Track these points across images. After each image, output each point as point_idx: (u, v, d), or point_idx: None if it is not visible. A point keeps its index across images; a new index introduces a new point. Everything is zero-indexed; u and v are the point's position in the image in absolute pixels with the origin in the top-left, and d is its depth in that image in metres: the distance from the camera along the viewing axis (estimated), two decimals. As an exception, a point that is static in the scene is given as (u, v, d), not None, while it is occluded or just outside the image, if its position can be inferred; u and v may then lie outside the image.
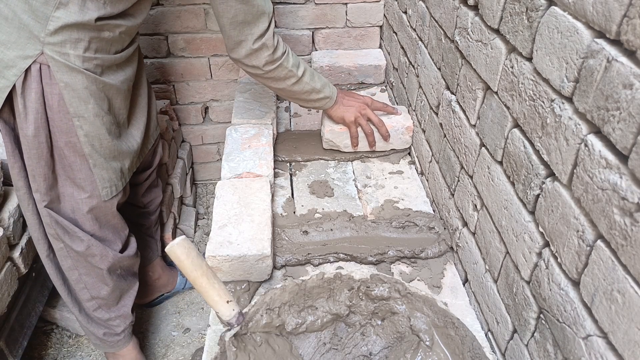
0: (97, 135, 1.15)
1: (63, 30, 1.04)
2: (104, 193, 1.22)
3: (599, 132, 0.65)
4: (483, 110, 1.02)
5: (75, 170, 1.18)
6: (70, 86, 1.08)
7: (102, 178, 1.20)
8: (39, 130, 1.11)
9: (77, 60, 1.07)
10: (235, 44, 1.19)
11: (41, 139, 1.12)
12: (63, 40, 1.05)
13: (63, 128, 1.12)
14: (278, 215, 1.35)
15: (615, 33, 0.60)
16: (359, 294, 0.97)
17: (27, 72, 1.06)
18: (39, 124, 1.11)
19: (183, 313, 1.80)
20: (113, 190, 1.24)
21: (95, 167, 1.18)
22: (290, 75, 1.28)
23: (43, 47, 1.04)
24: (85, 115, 1.12)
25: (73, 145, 1.14)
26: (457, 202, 1.19)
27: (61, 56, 1.05)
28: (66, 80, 1.07)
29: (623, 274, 0.61)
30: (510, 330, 0.95)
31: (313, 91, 1.35)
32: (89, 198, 1.21)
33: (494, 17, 0.93)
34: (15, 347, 1.44)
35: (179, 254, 0.79)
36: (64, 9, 1.03)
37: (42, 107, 1.10)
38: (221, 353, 0.85)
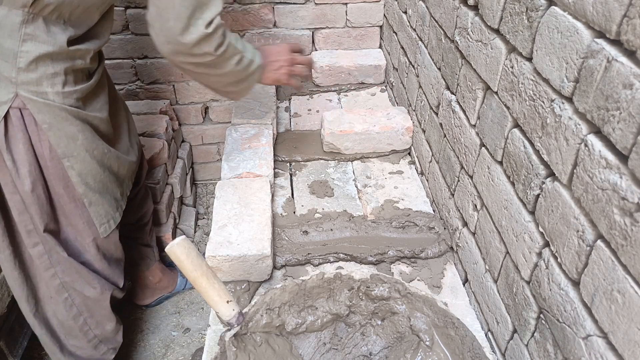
0: (89, 172, 1.09)
1: (36, 65, 0.95)
2: (102, 230, 1.17)
3: (599, 132, 0.65)
4: (483, 110, 1.02)
5: (76, 215, 1.13)
6: (55, 126, 1.00)
7: (99, 214, 1.15)
8: (35, 183, 1.04)
9: (57, 98, 0.99)
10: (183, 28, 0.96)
11: (39, 191, 1.05)
12: (38, 77, 0.96)
13: (59, 174, 1.06)
14: (278, 215, 1.35)
15: (615, 33, 0.60)
16: (359, 294, 0.97)
17: (7, 122, 0.96)
18: (35, 177, 1.03)
19: (183, 313, 1.80)
20: (111, 224, 1.19)
21: (90, 206, 1.12)
22: (234, 53, 1.10)
23: (17, 89, 0.94)
24: (75, 153, 1.05)
25: (70, 189, 1.08)
26: (457, 202, 1.19)
27: (39, 95, 0.96)
28: (49, 121, 0.99)
29: (623, 274, 0.61)
30: (510, 330, 0.95)
31: (251, 63, 1.17)
32: (94, 239, 1.17)
33: (494, 17, 0.93)
34: (15, 347, 1.44)
35: (179, 254, 0.79)
36: (32, 40, 0.94)
37: (33, 157, 1.02)
38: (221, 353, 0.85)
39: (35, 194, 1.05)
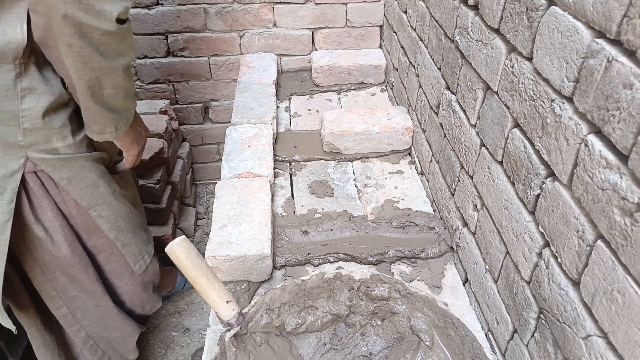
0: (118, 215, 1.05)
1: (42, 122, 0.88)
2: (136, 268, 1.14)
3: (599, 132, 0.65)
4: (483, 110, 1.02)
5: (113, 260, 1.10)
6: (74, 179, 0.95)
7: (133, 254, 1.12)
8: (73, 245, 1.01)
9: (68, 150, 0.93)
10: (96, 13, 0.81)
11: (79, 251, 1.02)
12: (47, 134, 0.89)
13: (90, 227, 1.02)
14: (278, 215, 1.35)
15: (615, 33, 0.60)
16: (359, 294, 0.97)
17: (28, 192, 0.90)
18: (71, 239, 1.00)
19: (183, 313, 1.80)
20: (146, 259, 1.16)
21: (124, 248, 1.09)
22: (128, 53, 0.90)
23: (26, 152, 0.88)
24: (100, 200, 1.01)
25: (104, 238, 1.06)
26: (457, 202, 1.19)
27: (50, 153, 0.90)
28: (67, 176, 0.93)
29: (623, 274, 0.61)
30: (511, 330, 0.95)
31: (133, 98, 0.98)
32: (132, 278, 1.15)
33: (494, 17, 0.93)
34: (15, 347, 1.44)
35: (179, 254, 0.79)
36: (30, 95, 0.85)
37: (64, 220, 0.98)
38: (221, 353, 0.85)
39: (77, 255, 1.02)
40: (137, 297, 1.22)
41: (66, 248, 1.00)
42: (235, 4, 1.87)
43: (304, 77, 2.02)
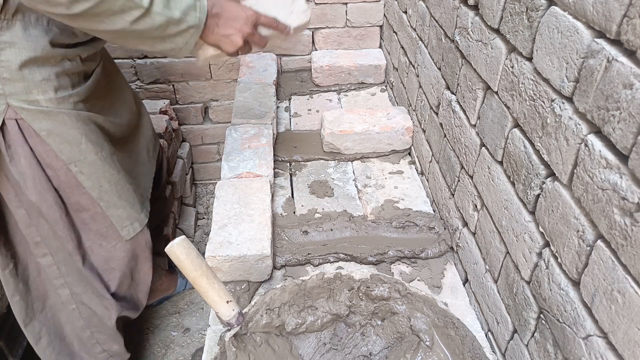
0: (102, 174, 1.04)
1: (21, 74, 0.90)
2: (124, 233, 1.11)
3: (599, 132, 0.65)
4: (483, 110, 1.02)
5: (99, 220, 1.08)
6: (54, 132, 0.95)
7: (120, 218, 1.09)
8: (42, 195, 1.00)
9: (50, 104, 0.94)
10: None
11: (50, 202, 1.02)
12: (26, 86, 0.91)
13: (71, 182, 1.01)
14: (278, 215, 1.35)
15: (615, 33, 0.60)
16: (359, 294, 0.97)
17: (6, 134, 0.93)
18: (40, 188, 1.00)
19: (183, 313, 1.80)
20: (136, 227, 1.13)
21: (109, 209, 1.07)
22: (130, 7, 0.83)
23: (7, 99, 0.90)
24: (81, 157, 1.00)
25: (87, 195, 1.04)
26: (457, 202, 1.19)
27: (30, 104, 0.92)
28: (47, 128, 0.94)
29: (623, 274, 0.61)
30: (511, 330, 0.95)
31: (170, 23, 0.88)
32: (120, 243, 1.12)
33: (494, 17, 0.93)
34: (15, 347, 1.44)
35: (179, 254, 0.79)
36: (10, 48, 0.88)
37: (39, 169, 0.98)
38: (221, 353, 0.85)
39: (45, 205, 1.02)
40: (127, 266, 1.18)
41: (35, 196, 1.00)
42: (235, 4, 1.87)
43: (304, 77, 2.02)
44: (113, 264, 1.16)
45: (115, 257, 1.15)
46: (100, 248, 1.13)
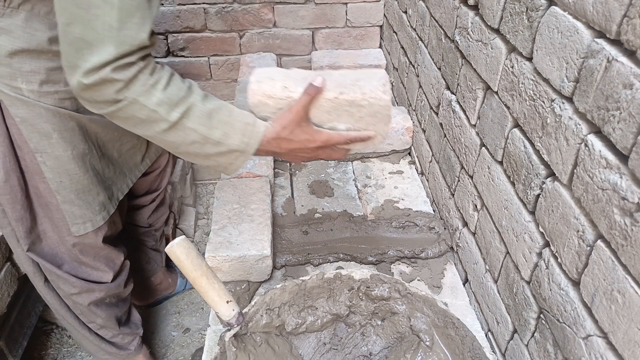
0: (65, 171, 1.03)
1: (10, 60, 0.90)
2: (73, 229, 1.10)
3: (599, 132, 0.65)
4: (483, 110, 1.02)
5: (52, 209, 1.08)
6: (27, 121, 0.95)
7: (73, 214, 1.09)
8: (8, 174, 1.01)
9: (31, 95, 0.93)
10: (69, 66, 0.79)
11: (13, 182, 1.02)
12: (12, 72, 0.91)
13: (35, 168, 1.02)
14: (278, 215, 1.35)
15: (615, 33, 0.60)
16: (359, 294, 0.97)
17: None
18: (9, 167, 1.00)
19: (183, 313, 1.80)
20: (87, 227, 1.12)
21: (64, 204, 1.06)
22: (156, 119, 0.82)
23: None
24: (48, 150, 1.00)
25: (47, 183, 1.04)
26: (457, 202, 1.19)
27: (12, 90, 0.92)
28: (22, 115, 0.95)
29: (623, 274, 0.61)
30: (511, 330, 0.95)
31: (206, 142, 0.85)
32: (69, 236, 1.12)
33: (494, 17, 0.93)
34: (15, 347, 1.44)
35: (179, 254, 0.79)
36: (5, 34, 0.88)
37: (10, 148, 0.99)
38: (221, 353, 0.85)
39: (9, 185, 1.03)
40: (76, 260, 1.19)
41: (1, 174, 1.00)
42: (235, 4, 1.87)
43: (304, 77, 2.01)
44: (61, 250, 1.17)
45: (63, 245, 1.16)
46: (52, 233, 1.14)
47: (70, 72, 0.79)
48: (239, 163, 0.89)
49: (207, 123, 0.83)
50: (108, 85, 0.78)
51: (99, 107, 0.82)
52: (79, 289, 1.20)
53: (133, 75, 0.79)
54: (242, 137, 0.85)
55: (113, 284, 1.27)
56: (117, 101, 0.80)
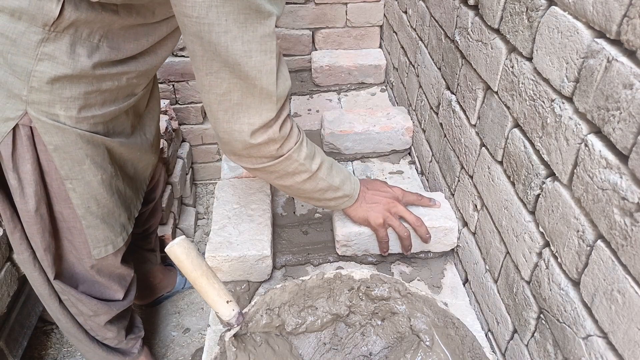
0: (93, 196, 1.02)
1: (51, 87, 0.88)
2: (94, 252, 1.10)
3: (599, 132, 0.65)
4: (483, 110, 1.02)
5: (75, 233, 1.08)
6: (62, 149, 0.94)
7: (96, 238, 1.09)
8: (40, 203, 0.99)
9: (68, 121, 0.92)
10: (226, 132, 0.86)
11: (43, 210, 1.01)
12: (51, 99, 0.89)
13: (62, 194, 1.01)
14: (278, 215, 1.35)
15: (615, 33, 0.60)
16: (359, 294, 0.97)
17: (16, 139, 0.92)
18: (40, 197, 0.98)
19: (183, 313, 1.80)
20: (109, 249, 1.12)
21: (88, 229, 1.06)
22: (301, 170, 0.95)
23: (27, 107, 0.88)
24: (79, 176, 0.99)
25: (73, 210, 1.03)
26: (457, 202, 1.19)
27: (49, 117, 0.90)
28: (56, 143, 0.93)
29: (623, 274, 0.61)
30: (511, 330, 0.95)
31: (329, 189, 1.02)
32: (87, 257, 1.12)
33: (494, 17, 0.93)
34: (15, 347, 1.44)
35: (179, 254, 0.79)
36: (49, 60, 0.86)
37: (40, 177, 0.97)
38: (221, 353, 0.85)
39: (39, 214, 1.01)
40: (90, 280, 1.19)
41: (32, 204, 0.98)
42: (235, 4, 1.87)
43: (304, 77, 2.02)
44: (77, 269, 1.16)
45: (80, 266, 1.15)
46: (70, 254, 1.13)
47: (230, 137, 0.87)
48: (342, 207, 1.09)
49: (330, 172, 1.01)
50: (271, 144, 0.88)
51: (257, 162, 0.92)
52: (94, 311, 1.20)
53: (288, 132, 0.90)
54: (351, 184, 1.06)
55: (125, 301, 1.28)
56: (276, 157, 0.91)
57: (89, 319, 1.24)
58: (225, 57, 0.76)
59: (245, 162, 0.93)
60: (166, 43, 1.02)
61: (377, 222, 1.10)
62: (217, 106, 0.83)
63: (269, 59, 0.79)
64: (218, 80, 0.80)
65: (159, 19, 0.95)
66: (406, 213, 1.12)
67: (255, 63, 0.78)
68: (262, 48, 0.77)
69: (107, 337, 1.30)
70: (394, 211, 1.11)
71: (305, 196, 1.04)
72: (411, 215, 1.12)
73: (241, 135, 0.85)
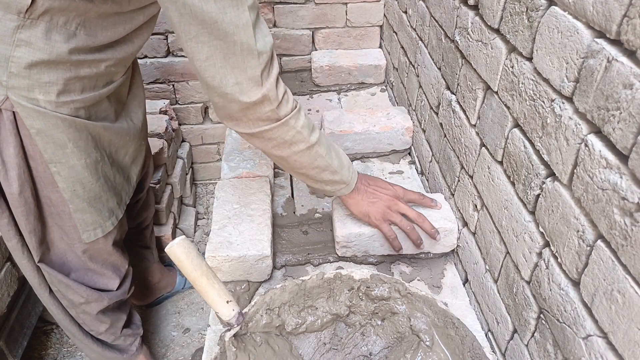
0: (78, 180, 1.04)
1: (29, 72, 0.90)
2: (84, 236, 1.12)
3: (599, 132, 0.65)
4: (483, 110, 1.02)
5: (64, 218, 1.09)
6: (43, 132, 0.94)
7: (84, 222, 1.10)
8: (23, 186, 1.01)
9: (48, 105, 0.94)
10: (219, 96, 0.87)
11: (27, 193, 1.02)
12: (30, 84, 0.91)
13: (48, 179, 1.02)
14: (278, 215, 1.35)
15: (615, 33, 0.60)
16: (359, 294, 0.97)
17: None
18: (23, 180, 1.00)
19: (183, 313, 1.80)
20: (98, 233, 1.13)
21: (76, 212, 1.08)
22: (299, 140, 0.95)
23: (7, 92, 0.91)
24: (63, 160, 1.00)
25: (59, 193, 1.05)
26: (457, 202, 1.19)
27: (29, 101, 0.92)
28: (37, 127, 0.95)
29: (623, 274, 0.61)
30: (511, 330, 0.95)
31: (327, 169, 1.02)
32: (79, 242, 1.13)
33: (494, 17, 0.93)
34: (15, 347, 1.44)
35: (179, 254, 0.79)
36: (26, 46, 0.89)
37: (23, 160, 0.99)
38: (221, 353, 0.85)
39: (23, 197, 1.02)
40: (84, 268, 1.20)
41: (16, 187, 1.00)
42: (235, 4, 1.87)
43: (304, 77, 2.02)
44: (69, 258, 1.17)
45: (72, 252, 1.17)
46: (61, 241, 1.15)
47: (224, 100, 0.88)
48: (339, 193, 1.09)
49: (329, 152, 1.01)
50: (266, 104, 0.88)
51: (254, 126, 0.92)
52: (85, 298, 1.21)
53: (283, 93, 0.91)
54: (349, 172, 1.06)
55: (119, 292, 1.28)
56: (273, 121, 0.91)
57: (81, 311, 1.24)
58: (201, 17, 0.78)
59: (242, 126, 0.93)
60: (142, 32, 1.04)
61: (377, 218, 1.11)
62: (204, 72, 0.85)
63: (242, 13, 0.80)
64: (199, 45, 0.81)
65: (135, 7, 0.97)
66: (408, 210, 1.12)
67: (231, 18, 0.79)
68: (234, 3, 0.78)
69: (101, 332, 1.30)
70: (395, 208, 1.12)
71: (302, 172, 1.03)
72: (413, 211, 1.12)
73: (233, 96, 0.86)
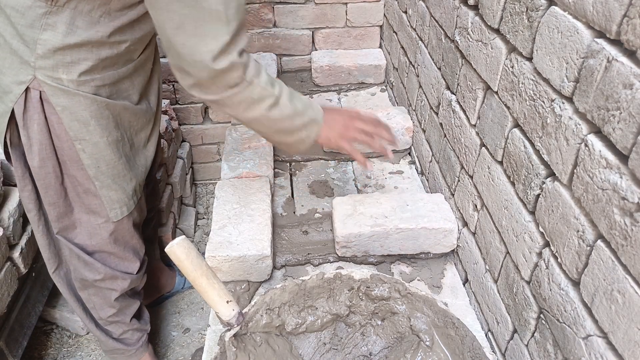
0: (102, 157, 1.10)
1: (53, 54, 0.98)
2: (112, 215, 1.17)
3: (599, 132, 0.65)
4: (483, 110, 1.02)
5: (90, 196, 1.14)
6: (68, 109, 1.03)
7: (110, 199, 1.15)
8: (44, 161, 1.08)
9: (71, 84, 1.01)
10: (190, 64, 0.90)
11: (48, 169, 1.09)
12: (54, 64, 0.99)
13: (73, 156, 1.08)
14: (278, 215, 1.35)
15: (615, 33, 0.60)
16: (359, 294, 0.97)
17: (27, 100, 1.02)
18: (44, 155, 1.07)
19: (183, 313, 1.80)
20: (124, 211, 1.19)
21: (102, 189, 1.13)
22: (265, 95, 0.97)
23: (35, 72, 0.99)
24: (87, 137, 1.07)
25: (84, 171, 1.10)
26: (457, 202, 1.19)
27: (54, 80, 1.00)
28: (63, 104, 1.02)
29: (623, 274, 0.61)
30: (511, 330, 0.95)
31: (295, 115, 1.02)
32: (106, 223, 1.18)
33: (494, 17, 0.93)
34: (15, 347, 1.44)
35: (179, 254, 0.79)
36: (52, 30, 0.96)
37: (48, 137, 1.06)
38: (221, 353, 0.85)
39: (44, 171, 1.09)
40: (107, 251, 1.24)
41: (37, 161, 1.07)
42: (235, 4, 1.87)
43: (304, 77, 2.02)
44: (95, 240, 1.22)
45: (98, 235, 1.21)
46: (87, 222, 1.19)
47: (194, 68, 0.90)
48: (313, 134, 1.07)
49: (292, 99, 1.01)
50: (234, 70, 0.90)
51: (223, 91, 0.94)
52: (103, 274, 1.25)
53: (247, 58, 0.93)
54: (312, 109, 1.06)
55: (137, 275, 1.31)
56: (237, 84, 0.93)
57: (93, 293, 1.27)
58: None
59: (212, 92, 0.95)
60: None
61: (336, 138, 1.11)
62: (175, 39, 0.87)
63: None
64: (169, 14, 0.85)
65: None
66: (364, 124, 1.13)
67: None
68: None
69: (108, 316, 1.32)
70: (352, 125, 1.12)
71: (276, 129, 1.04)
72: (369, 125, 1.13)
73: (204, 63, 0.88)
